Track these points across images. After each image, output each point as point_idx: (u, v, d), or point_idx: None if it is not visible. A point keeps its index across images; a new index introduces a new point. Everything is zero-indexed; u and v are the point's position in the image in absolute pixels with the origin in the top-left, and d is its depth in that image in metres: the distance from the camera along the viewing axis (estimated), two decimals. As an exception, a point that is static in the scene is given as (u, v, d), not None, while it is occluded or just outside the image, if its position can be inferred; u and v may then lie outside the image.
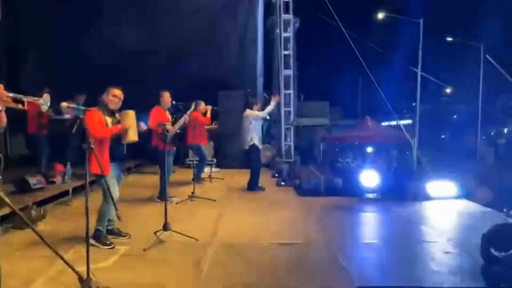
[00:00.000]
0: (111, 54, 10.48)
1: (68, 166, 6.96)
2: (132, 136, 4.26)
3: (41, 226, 4.98)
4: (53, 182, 6.59)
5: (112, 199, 3.70)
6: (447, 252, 4.21)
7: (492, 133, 23.32)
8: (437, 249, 4.34)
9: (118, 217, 3.34)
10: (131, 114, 4.33)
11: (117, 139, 4.31)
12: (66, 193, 6.55)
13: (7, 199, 2.17)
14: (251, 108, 7.51)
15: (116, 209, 3.36)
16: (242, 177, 8.97)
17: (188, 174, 8.50)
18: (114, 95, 4.28)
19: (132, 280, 3.43)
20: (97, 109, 4.13)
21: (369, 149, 16.68)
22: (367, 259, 4.17)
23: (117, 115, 4.35)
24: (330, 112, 25.74)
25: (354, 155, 17.71)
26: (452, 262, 3.95)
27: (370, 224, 5.64)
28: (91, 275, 3.13)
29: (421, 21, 15.58)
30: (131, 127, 4.26)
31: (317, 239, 4.67)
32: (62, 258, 2.49)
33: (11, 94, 2.93)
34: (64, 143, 7.67)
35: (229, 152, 10.27)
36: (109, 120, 4.17)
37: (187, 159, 10.10)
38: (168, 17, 10.72)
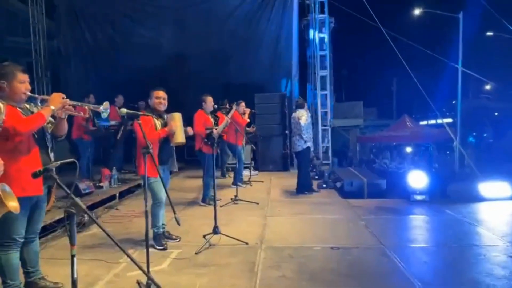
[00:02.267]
0: (150, 60, 10.70)
1: (114, 170, 7.13)
2: (180, 138, 4.30)
3: (93, 230, 5.10)
4: (101, 187, 6.76)
5: (169, 201, 3.73)
6: (511, 256, 3.97)
7: (539, 131, 22.16)
8: (499, 253, 4.11)
9: (177, 221, 3.34)
10: (177, 116, 4.37)
11: (165, 141, 4.36)
12: (113, 197, 6.70)
13: (80, 202, 2.20)
14: (302, 108, 7.26)
15: (174, 212, 3.37)
16: (281, 180, 8.93)
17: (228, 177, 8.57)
18: (158, 97, 4.37)
19: (189, 283, 3.44)
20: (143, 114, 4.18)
21: (408, 149, 16.21)
22: (425, 263, 3.99)
23: (165, 117, 4.42)
24: (364, 113, 25.33)
25: (392, 155, 17.28)
26: (519, 267, 3.72)
27: (423, 226, 5.42)
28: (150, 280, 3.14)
29: (461, 15, 15.02)
30: (178, 128, 4.30)
31: (369, 243, 4.53)
32: (131, 258, 2.49)
33: (73, 102, 3.01)
34: (108, 149, 7.88)
35: (267, 155, 10.23)
36: (157, 122, 4.24)
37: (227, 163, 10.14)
38: (204, 22, 10.84)
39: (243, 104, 7.96)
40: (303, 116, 7.11)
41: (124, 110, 3.15)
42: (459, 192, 7.05)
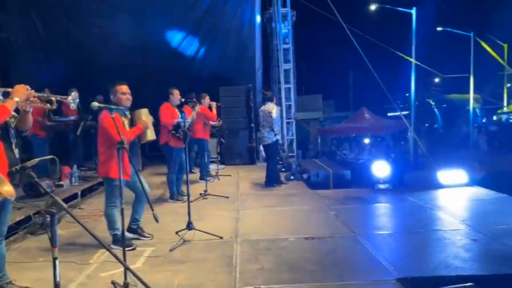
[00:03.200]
0: (108, 53, 10.28)
1: (75, 168, 6.80)
2: (151, 135, 4.15)
3: (58, 231, 4.82)
4: (61, 186, 6.44)
5: (147, 198, 3.60)
6: (474, 239, 4.21)
7: (484, 121, 23.67)
8: (462, 237, 4.34)
9: (156, 218, 3.22)
10: (145, 112, 4.20)
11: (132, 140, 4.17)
12: (75, 196, 6.40)
13: (60, 201, 2.07)
14: (271, 101, 7.25)
15: (152, 209, 3.25)
16: (248, 173, 8.93)
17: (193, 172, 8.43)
18: (124, 92, 4.02)
19: (167, 281, 3.35)
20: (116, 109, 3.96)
21: (366, 140, 16.75)
22: (395, 249, 4.15)
23: (127, 113, 4.15)
24: (323, 105, 25.85)
25: (351, 147, 17.78)
26: (482, 249, 3.95)
27: (389, 214, 5.63)
28: (128, 278, 3.03)
29: (414, 10, 15.64)
30: (150, 125, 4.15)
31: (340, 232, 4.64)
32: (117, 257, 2.38)
33: (38, 94, 2.82)
34: (67, 146, 7.50)
35: (233, 148, 10.18)
36: (126, 121, 3.99)
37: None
38: (167, 14, 10.54)
39: (207, 97, 7.84)
40: (273, 109, 7.13)
41: (96, 103, 2.97)
42: (418, 180, 7.40)
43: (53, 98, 2.92)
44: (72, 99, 2.91)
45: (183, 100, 6.26)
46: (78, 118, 7.16)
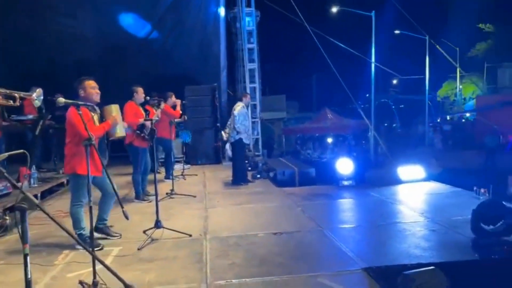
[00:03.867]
0: (69, 50, 9.93)
1: (33, 169, 6.53)
2: (120, 132, 4.07)
3: (17, 234, 4.63)
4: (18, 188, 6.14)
5: (117, 196, 3.53)
6: (433, 230, 4.45)
7: (438, 120, 24.88)
8: (422, 228, 4.57)
9: (126, 216, 3.18)
10: (115, 107, 4.12)
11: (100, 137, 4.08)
12: (34, 197, 6.13)
13: (31, 196, 2.01)
14: (241, 101, 7.38)
15: (122, 207, 3.20)
16: (215, 172, 8.92)
17: (158, 172, 8.30)
18: (93, 87, 3.95)
19: (138, 279, 3.30)
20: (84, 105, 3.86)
21: (329, 140, 17.18)
22: (360, 241, 4.30)
23: (96, 109, 4.07)
24: (287, 106, 26.23)
25: (314, 146, 18.17)
26: (440, 239, 4.18)
27: (353, 208, 5.82)
28: (97, 278, 2.97)
29: (373, 14, 16.22)
30: (119, 121, 4.07)
31: (307, 227, 4.75)
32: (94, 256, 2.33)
33: (1, 90, 2.71)
34: (25, 145, 7.18)
35: (198, 148, 10.13)
36: (95, 117, 3.92)
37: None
38: (131, 10, 10.31)
39: (173, 96, 7.77)
40: (237, 107, 7.21)
41: (62, 99, 2.89)
42: (379, 176, 7.69)
43: (16, 95, 2.80)
44: (37, 95, 2.80)
45: (147, 98, 6.18)
46: (37, 117, 6.87)
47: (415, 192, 6.46)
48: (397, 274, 3.08)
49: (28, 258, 2.04)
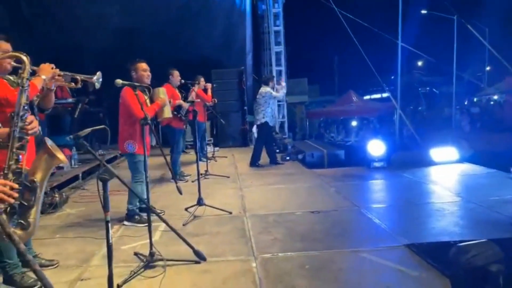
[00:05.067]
0: (95, 35, 10.11)
1: (74, 150, 6.80)
2: (167, 113, 4.22)
3: (66, 210, 4.90)
4: (61, 168, 6.43)
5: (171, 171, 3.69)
6: (471, 209, 4.47)
7: (465, 103, 24.31)
8: (459, 207, 4.59)
9: (179, 191, 3.34)
10: (162, 90, 4.27)
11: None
12: (76, 178, 6.43)
13: (112, 169, 2.16)
14: (267, 85, 7.49)
15: (176, 182, 3.36)
16: (243, 155, 9.05)
17: (190, 153, 8.50)
18: (144, 69, 4.12)
19: (187, 252, 3.46)
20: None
21: (354, 123, 17.08)
22: (398, 219, 4.37)
23: (147, 92, 4.23)
24: (308, 90, 26.06)
25: (338, 129, 18.10)
26: (479, 217, 4.20)
27: (387, 189, 5.86)
28: (153, 249, 3.15)
29: (400, -7, 15.79)
30: (166, 103, 4.21)
31: (343, 205, 4.83)
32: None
33: (63, 72, 2.87)
34: (65, 128, 7.46)
35: (226, 131, 10.27)
36: (145, 97, 4.06)
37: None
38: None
39: (202, 79, 7.89)
40: (263, 90, 7.36)
41: (120, 81, 3.02)
42: (407, 158, 7.67)
43: (78, 77, 2.96)
44: (97, 78, 2.95)
45: (182, 81, 6.31)
46: (76, 100, 7.11)
47: (448, 173, 6.44)
48: (440, 250, 3.15)
49: (109, 224, 2.20)
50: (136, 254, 3.37)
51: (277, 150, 9.00)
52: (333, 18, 10.76)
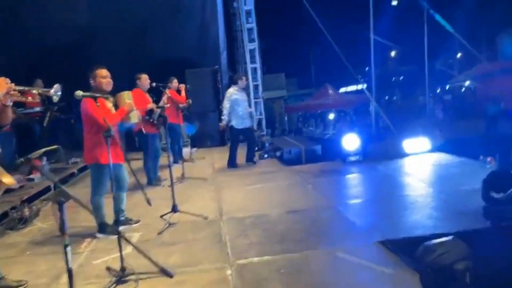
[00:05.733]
0: (64, 33, 9.81)
1: (44, 161, 6.62)
2: (135, 118, 4.12)
3: (37, 225, 4.76)
4: (32, 179, 6.24)
5: (138, 183, 3.61)
6: (444, 200, 4.56)
7: (438, 90, 24.81)
8: (433, 199, 4.68)
9: (148, 202, 3.27)
10: (127, 94, 4.15)
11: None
12: (48, 189, 6.24)
13: (66, 189, 2.08)
14: (236, 84, 7.39)
15: (144, 193, 3.29)
16: (222, 154, 8.96)
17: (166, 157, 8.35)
18: (104, 76, 3.96)
19: (162, 262, 3.41)
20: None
21: (331, 116, 17.22)
22: (373, 215, 4.41)
23: (110, 98, 4.11)
24: (286, 84, 26.09)
25: (316, 123, 18.22)
26: (452, 208, 4.28)
27: (363, 183, 5.92)
28: (124, 263, 3.09)
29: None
30: (133, 107, 4.11)
31: (320, 203, 4.85)
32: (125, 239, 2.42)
33: (19, 88, 2.76)
34: (33, 138, 7.24)
35: (203, 131, 10.17)
36: (110, 105, 3.95)
37: (161, 142, 9.86)
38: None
39: (175, 80, 7.78)
40: (227, 93, 7.31)
41: (80, 92, 2.92)
42: (383, 150, 7.76)
43: (34, 91, 2.85)
44: (55, 91, 2.85)
45: (153, 84, 6.19)
46: (44, 109, 6.90)
47: (422, 164, 6.55)
48: (413, 245, 3.19)
49: (69, 248, 2.12)
50: (108, 268, 3.29)
51: (256, 148, 8.98)
52: (307, 11, 10.75)
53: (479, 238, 2.94)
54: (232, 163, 7.48)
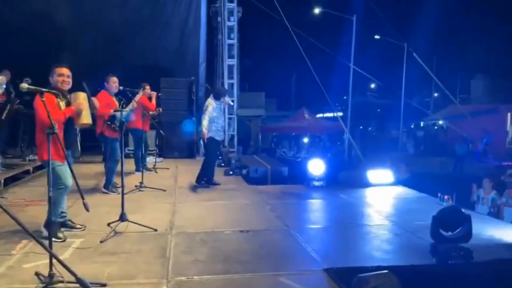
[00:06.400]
0: (42, 29, 9.58)
1: (-3, 154, 6.32)
2: (86, 119, 3.98)
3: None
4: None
5: (78, 187, 3.44)
6: (396, 234, 4.56)
7: (412, 126, 25.51)
8: (386, 231, 4.67)
9: (86, 208, 3.11)
10: (82, 95, 4.02)
11: (69, 123, 3.97)
12: (-3, 184, 5.95)
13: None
14: (217, 99, 6.75)
15: (82, 198, 3.13)
16: (187, 166, 8.84)
17: (129, 163, 8.13)
18: (61, 74, 3.87)
19: (96, 272, 3.24)
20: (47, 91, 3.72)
21: (305, 140, 17.36)
22: (325, 242, 4.37)
23: (68, 96, 4.00)
24: (265, 103, 26.29)
25: (290, 145, 18.31)
26: (402, 242, 4.29)
27: (321, 209, 5.90)
28: (54, 269, 2.90)
29: (355, 18, 16.44)
30: (85, 108, 3.97)
31: (275, 225, 4.78)
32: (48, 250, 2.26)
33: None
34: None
35: (172, 141, 10.01)
36: (61, 103, 3.81)
37: (126, 148, 9.62)
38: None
39: (148, 87, 7.68)
40: (209, 104, 6.70)
41: (25, 85, 2.79)
42: (350, 178, 7.80)
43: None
44: None
45: (121, 88, 6.06)
46: (5, 101, 6.64)
47: (382, 196, 6.59)
48: (354, 275, 3.15)
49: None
50: (37, 274, 3.09)
51: (222, 164, 8.88)
52: (292, 35, 10.90)
53: (419, 274, 2.92)
54: (209, 179, 6.86)
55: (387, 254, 3.90)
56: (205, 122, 6.53)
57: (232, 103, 7.34)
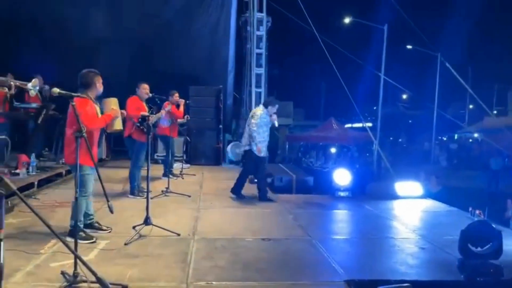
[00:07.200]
0: (78, 39, 10.02)
1: (33, 157, 6.59)
2: (118, 125, 4.11)
3: (9, 220, 4.68)
4: (17, 174, 6.21)
5: (103, 188, 3.54)
6: (422, 248, 4.41)
7: (445, 139, 24.73)
8: (412, 245, 4.53)
9: (110, 209, 3.20)
10: (114, 100, 4.16)
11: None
12: (31, 186, 6.20)
13: (10, 182, 2.02)
14: (266, 108, 6.42)
15: (107, 200, 3.23)
16: (213, 173, 8.93)
17: (157, 169, 8.30)
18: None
19: (118, 273, 3.31)
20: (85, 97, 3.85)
21: (333, 150, 17.14)
22: (348, 253, 4.29)
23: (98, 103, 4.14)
24: (293, 113, 26.24)
25: (317, 155, 18.12)
26: (428, 257, 4.15)
27: (346, 220, 5.80)
28: (78, 269, 2.99)
29: (386, 27, 16.21)
30: (118, 115, 4.10)
31: (297, 235, 4.74)
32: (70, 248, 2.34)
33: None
34: (27, 134, 7.26)
35: (199, 148, 10.14)
36: (98, 108, 3.95)
37: (155, 154, 9.85)
38: (140, 6, 10.42)
39: (176, 94, 7.83)
40: (255, 114, 6.32)
41: (57, 89, 2.92)
42: (377, 190, 7.65)
43: (12, 83, 2.85)
44: (32, 85, 2.85)
45: (150, 95, 6.22)
46: (41, 106, 6.94)
47: (410, 208, 6.41)
48: (376, 288, 3.06)
49: (2, 243, 2.04)
50: (62, 273, 3.19)
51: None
52: (320, 45, 10.89)
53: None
54: (263, 195, 6.51)
55: (412, 269, 3.78)
56: (256, 136, 6.19)
57: (276, 125, 6.85)
